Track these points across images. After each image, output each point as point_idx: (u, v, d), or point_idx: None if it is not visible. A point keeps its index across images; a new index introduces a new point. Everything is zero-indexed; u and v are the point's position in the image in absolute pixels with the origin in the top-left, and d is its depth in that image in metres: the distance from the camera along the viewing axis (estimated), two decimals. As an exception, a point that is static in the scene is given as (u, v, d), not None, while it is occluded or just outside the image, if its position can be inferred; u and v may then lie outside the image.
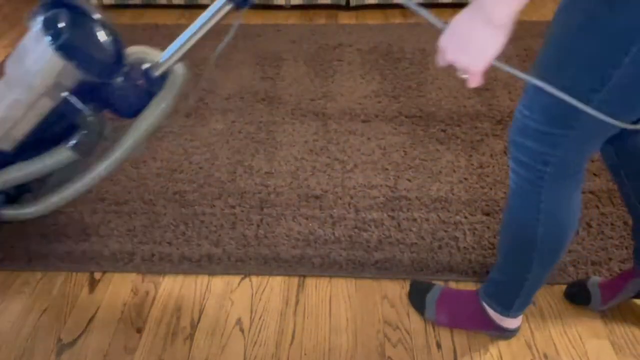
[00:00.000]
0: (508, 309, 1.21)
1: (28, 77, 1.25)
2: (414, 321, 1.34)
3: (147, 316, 1.37)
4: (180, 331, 1.34)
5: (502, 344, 1.28)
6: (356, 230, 1.56)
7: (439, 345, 1.29)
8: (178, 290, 1.44)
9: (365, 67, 2.31)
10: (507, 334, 1.27)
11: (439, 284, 1.39)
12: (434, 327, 1.33)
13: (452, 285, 1.42)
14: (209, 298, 1.41)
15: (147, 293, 1.43)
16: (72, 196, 1.40)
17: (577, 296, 1.35)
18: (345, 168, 1.77)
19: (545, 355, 1.26)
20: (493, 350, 1.27)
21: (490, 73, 2.28)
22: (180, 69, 1.38)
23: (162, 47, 1.41)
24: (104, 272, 1.49)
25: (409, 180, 1.72)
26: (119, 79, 1.28)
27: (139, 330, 1.34)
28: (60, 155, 1.33)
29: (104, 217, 1.63)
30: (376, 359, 1.26)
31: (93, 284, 1.46)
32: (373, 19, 2.78)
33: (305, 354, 1.28)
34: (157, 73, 1.32)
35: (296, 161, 1.81)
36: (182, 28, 1.42)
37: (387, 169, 1.76)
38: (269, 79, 2.26)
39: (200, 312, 1.38)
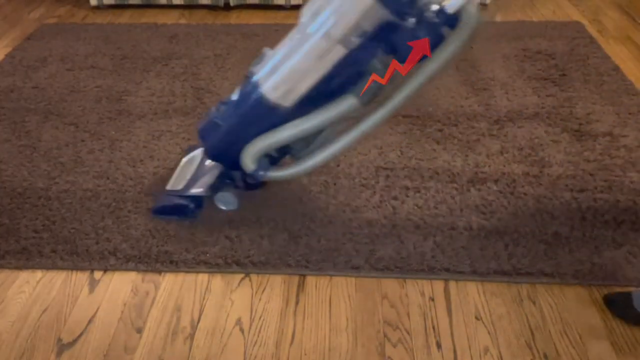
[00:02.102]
0: None
1: (329, 22, 1.24)
2: (414, 321, 1.34)
3: (147, 316, 1.37)
4: (180, 331, 1.34)
5: (502, 344, 1.28)
6: (354, 230, 1.56)
7: (439, 345, 1.29)
8: (178, 290, 1.44)
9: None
10: None
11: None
12: (434, 327, 1.33)
13: (453, 285, 1.42)
14: (209, 298, 1.41)
15: (147, 293, 1.43)
16: (342, 150, 1.42)
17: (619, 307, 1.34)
18: (342, 167, 1.77)
19: (545, 355, 1.26)
20: (493, 350, 1.27)
21: (488, 73, 2.29)
22: (473, 9, 1.24)
23: (163, 47, 1.39)
24: (104, 272, 1.49)
25: (405, 179, 1.72)
26: (412, 20, 1.22)
27: (139, 330, 1.34)
28: (343, 106, 1.32)
29: (103, 217, 1.62)
30: (376, 359, 1.27)
31: (93, 284, 1.46)
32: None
33: (305, 354, 1.28)
34: (450, 11, 1.22)
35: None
36: (182, 28, 1.40)
37: (383, 169, 1.76)
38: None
39: (200, 312, 1.38)
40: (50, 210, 1.65)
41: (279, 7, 2.91)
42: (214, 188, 1.62)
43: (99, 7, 2.97)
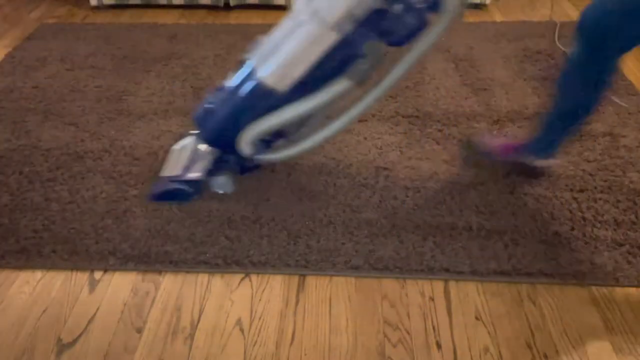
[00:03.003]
0: None
1: (323, 9, 1.30)
2: (414, 321, 1.34)
3: (147, 316, 1.37)
4: (180, 331, 1.34)
5: (502, 344, 1.28)
6: (353, 229, 1.56)
7: (439, 345, 1.29)
8: (178, 290, 1.44)
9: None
10: None
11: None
12: (434, 327, 1.33)
13: (453, 285, 1.42)
14: (209, 298, 1.41)
15: (147, 293, 1.43)
16: (334, 133, 1.48)
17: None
18: (342, 167, 1.77)
19: (545, 355, 1.26)
20: (493, 350, 1.27)
21: (488, 73, 2.29)
22: None
23: (163, 47, 1.40)
24: (104, 272, 1.49)
25: (405, 180, 1.72)
26: (398, 5, 1.30)
27: (139, 330, 1.34)
28: (337, 89, 1.39)
29: (102, 217, 1.63)
30: (376, 359, 1.27)
31: (93, 284, 1.46)
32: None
33: (305, 354, 1.28)
34: None
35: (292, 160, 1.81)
36: (182, 28, 1.41)
37: (383, 169, 1.76)
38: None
39: (200, 312, 1.38)
40: (49, 210, 1.65)
41: (279, 7, 2.91)
42: (210, 172, 1.66)
43: (99, 7, 2.97)
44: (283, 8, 2.90)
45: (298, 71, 1.37)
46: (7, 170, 1.81)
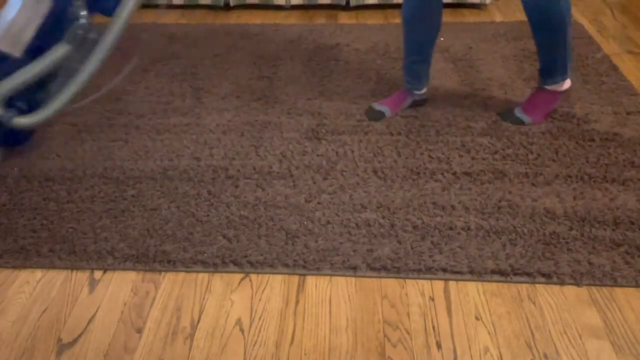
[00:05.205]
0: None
1: None
2: (414, 321, 1.34)
3: (147, 316, 1.37)
4: (180, 331, 1.34)
5: (502, 344, 1.28)
6: (351, 229, 1.56)
7: (439, 346, 1.29)
8: (178, 290, 1.44)
9: (362, 67, 2.32)
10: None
11: None
12: (434, 327, 1.33)
13: (453, 285, 1.42)
14: (209, 298, 1.41)
15: (147, 293, 1.43)
16: (72, 95, 1.70)
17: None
18: (340, 167, 1.77)
19: (545, 355, 1.26)
20: (493, 350, 1.27)
21: (487, 73, 2.29)
22: None
23: (163, 48, 1.41)
24: (104, 272, 1.49)
25: (403, 180, 1.72)
26: None
27: (139, 330, 1.34)
28: (57, 52, 1.64)
29: (101, 217, 1.62)
30: (376, 359, 1.27)
31: (93, 284, 1.46)
32: (373, 19, 2.79)
33: (305, 354, 1.28)
34: None
35: (291, 160, 1.81)
36: (181, 28, 1.42)
37: (380, 169, 1.76)
38: (266, 78, 2.26)
39: (200, 312, 1.38)
40: (48, 209, 1.65)
41: (279, 7, 2.91)
42: None
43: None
44: (283, 8, 2.91)
45: (26, 36, 1.61)
46: (6, 169, 1.81)
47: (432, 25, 1.87)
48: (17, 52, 1.63)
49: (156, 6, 2.92)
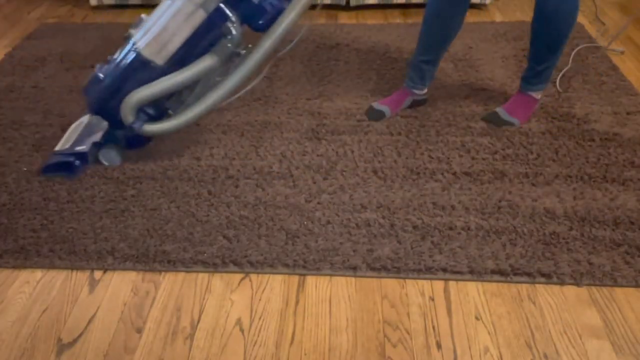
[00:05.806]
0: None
1: None
2: (414, 321, 1.34)
3: (147, 316, 1.37)
4: (180, 331, 1.34)
5: (502, 344, 1.28)
6: (351, 229, 1.56)
7: (439, 346, 1.29)
8: (178, 290, 1.44)
9: (362, 67, 2.32)
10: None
11: None
12: (434, 327, 1.33)
13: (453, 285, 1.42)
14: (209, 298, 1.41)
15: (147, 293, 1.43)
16: (209, 108, 1.67)
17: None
18: (340, 168, 1.77)
19: (545, 355, 1.26)
20: (493, 350, 1.27)
21: (487, 73, 2.29)
22: None
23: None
24: (104, 272, 1.49)
25: (403, 180, 1.72)
26: None
27: (139, 330, 1.34)
28: (203, 64, 1.59)
29: (101, 217, 1.62)
30: (376, 359, 1.27)
31: (93, 284, 1.46)
32: (373, 19, 2.79)
33: (305, 354, 1.28)
34: None
35: (291, 160, 1.81)
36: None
37: (380, 169, 1.76)
38: (266, 78, 2.26)
39: (200, 312, 1.38)
40: (48, 209, 1.65)
41: (279, 7, 2.91)
42: (98, 145, 1.79)
43: (99, 7, 2.97)
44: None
45: (173, 45, 1.58)
46: (6, 169, 1.81)
47: (453, 26, 1.85)
48: (160, 60, 1.60)
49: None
